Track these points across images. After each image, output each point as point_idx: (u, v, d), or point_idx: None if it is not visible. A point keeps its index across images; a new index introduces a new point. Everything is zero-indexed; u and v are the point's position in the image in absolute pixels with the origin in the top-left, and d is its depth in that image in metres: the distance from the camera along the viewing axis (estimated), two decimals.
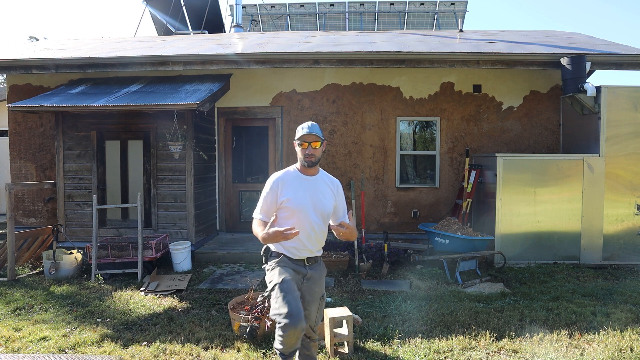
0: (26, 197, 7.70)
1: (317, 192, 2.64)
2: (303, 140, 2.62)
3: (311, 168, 2.67)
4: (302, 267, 2.67)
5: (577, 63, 5.95)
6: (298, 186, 2.64)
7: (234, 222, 7.77)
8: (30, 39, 26.83)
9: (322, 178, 2.74)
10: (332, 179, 2.81)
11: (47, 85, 7.54)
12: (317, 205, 2.63)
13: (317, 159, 2.66)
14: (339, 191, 2.77)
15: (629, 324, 3.91)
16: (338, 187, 2.78)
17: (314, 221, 2.61)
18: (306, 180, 2.67)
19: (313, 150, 2.62)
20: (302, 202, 2.60)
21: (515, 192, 5.96)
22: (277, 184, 2.66)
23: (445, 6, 12.13)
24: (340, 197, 2.78)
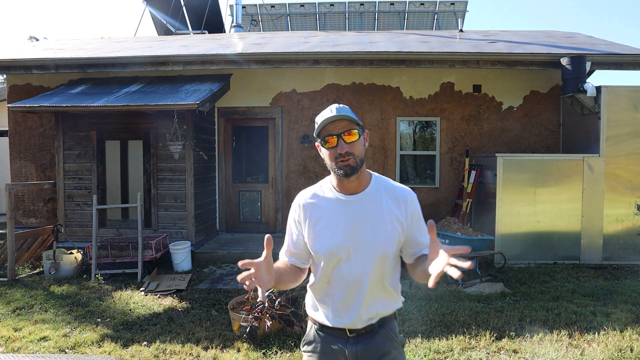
0: (26, 197, 7.70)
1: (366, 223, 1.56)
2: (328, 133, 1.51)
3: (352, 178, 1.55)
4: (342, 342, 1.62)
5: (577, 63, 5.95)
6: (331, 217, 1.59)
7: (234, 222, 7.77)
8: (30, 39, 26.83)
9: (377, 192, 1.60)
10: (398, 189, 1.63)
11: (47, 85, 7.54)
12: (366, 246, 1.55)
13: (359, 160, 1.53)
14: (410, 207, 1.60)
15: (629, 324, 3.91)
16: (408, 200, 1.61)
17: (360, 270, 1.56)
18: (346, 204, 1.58)
19: (348, 147, 1.50)
20: (334, 246, 1.56)
21: (515, 192, 5.96)
22: (300, 211, 1.68)
23: (445, 6, 12.13)
24: (414, 216, 1.62)
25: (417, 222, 1.63)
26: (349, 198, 1.59)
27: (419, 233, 1.63)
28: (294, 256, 1.69)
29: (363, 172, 1.60)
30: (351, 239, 1.56)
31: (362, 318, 1.59)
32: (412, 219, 1.61)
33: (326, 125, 1.52)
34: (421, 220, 1.65)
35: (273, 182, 7.63)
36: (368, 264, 1.56)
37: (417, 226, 1.63)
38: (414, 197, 1.65)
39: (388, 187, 1.63)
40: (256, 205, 7.77)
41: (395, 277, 1.65)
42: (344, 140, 1.50)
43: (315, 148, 7.47)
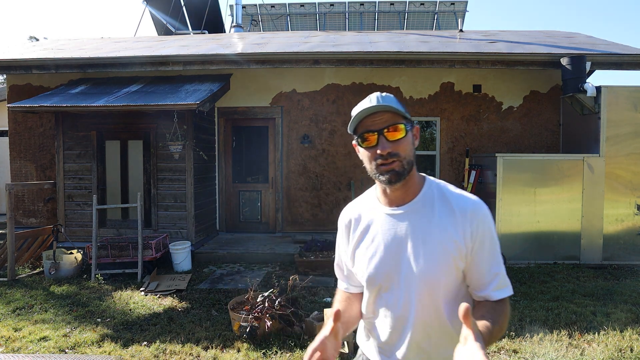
0: (26, 197, 7.70)
1: (410, 243, 1.24)
2: (366, 128, 1.22)
3: (397, 186, 1.24)
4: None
5: (577, 63, 5.95)
6: (373, 235, 1.30)
7: (234, 222, 7.77)
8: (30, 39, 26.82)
9: (429, 202, 1.26)
10: (456, 199, 1.25)
11: (47, 85, 7.54)
12: (409, 273, 1.23)
13: (406, 163, 1.22)
14: (472, 224, 1.22)
15: (629, 324, 3.91)
16: (469, 214, 1.22)
17: (404, 303, 1.25)
18: (390, 219, 1.28)
19: (392, 146, 1.20)
20: (373, 270, 1.28)
21: (515, 192, 5.96)
22: (343, 230, 1.41)
23: (445, 6, 12.13)
24: (479, 238, 1.21)
25: (480, 248, 1.19)
26: (393, 211, 1.27)
27: (483, 264, 1.19)
28: (346, 281, 1.45)
29: (412, 178, 1.26)
30: (393, 263, 1.25)
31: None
32: (474, 241, 1.19)
33: (363, 118, 1.21)
34: (490, 246, 1.21)
35: (273, 182, 7.63)
36: (412, 296, 1.22)
37: (481, 253, 1.19)
38: (482, 211, 1.22)
39: (444, 196, 1.25)
40: (256, 205, 7.77)
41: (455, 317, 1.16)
42: (386, 138, 1.19)
43: (315, 148, 7.49)
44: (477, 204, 1.24)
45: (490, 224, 1.24)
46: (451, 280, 1.22)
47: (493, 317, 1.15)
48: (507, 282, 1.24)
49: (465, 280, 1.25)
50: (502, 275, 1.23)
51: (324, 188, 7.52)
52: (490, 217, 1.24)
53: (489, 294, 1.21)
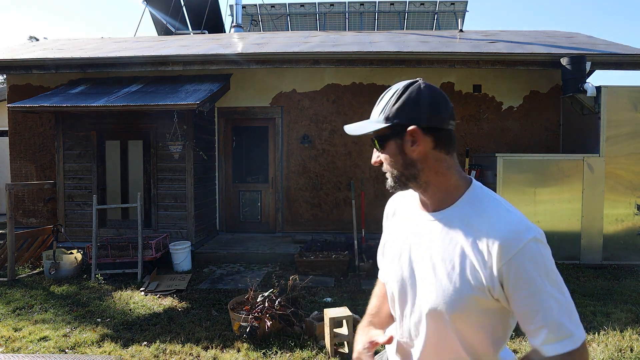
0: (26, 197, 7.70)
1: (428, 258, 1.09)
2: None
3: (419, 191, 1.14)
4: None
5: (577, 63, 5.95)
6: (404, 233, 1.18)
7: (234, 222, 7.77)
8: (30, 39, 26.82)
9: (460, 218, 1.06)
10: (490, 224, 1.01)
11: (47, 85, 7.54)
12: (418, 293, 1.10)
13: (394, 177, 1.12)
14: (506, 261, 0.96)
15: (629, 324, 3.91)
16: (507, 249, 0.96)
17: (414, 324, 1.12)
18: (419, 222, 1.14)
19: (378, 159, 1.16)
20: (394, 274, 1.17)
21: (515, 192, 5.96)
22: (386, 217, 1.32)
23: (445, 6, 12.13)
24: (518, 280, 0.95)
25: (515, 291, 0.95)
26: (422, 215, 1.13)
27: (522, 311, 0.96)
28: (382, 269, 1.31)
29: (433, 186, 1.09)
30: (409, 273, 1.11)
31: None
32: (506, 281, 0.96)
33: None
34: (529, 291, 0.94)
35: (273, 182, 7.63)
36: (422, 319, 1.08)
37: (517, 298, 0.96)
38: (518, 245, 0.95)
39: (480, 214, 1.03)
40: (256, 205, 7.77)
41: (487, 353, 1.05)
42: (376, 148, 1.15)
43: (315, 148, 7.50)
44: (516, 232, 0.96)
45: (534, 258, 0.94)
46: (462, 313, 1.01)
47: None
48: (563, 335, 0.94)
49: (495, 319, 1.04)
50: (554, 326, 0.94)
51: (324, 188, 7.52)
52: (537, 248, 0.95)
53: (539, 348, 0.97)
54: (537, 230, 0.97)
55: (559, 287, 0.96)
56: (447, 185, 1.09)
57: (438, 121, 1.06)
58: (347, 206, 7.32)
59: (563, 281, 0.98)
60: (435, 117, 1.06)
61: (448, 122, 1.07)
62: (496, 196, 1.08)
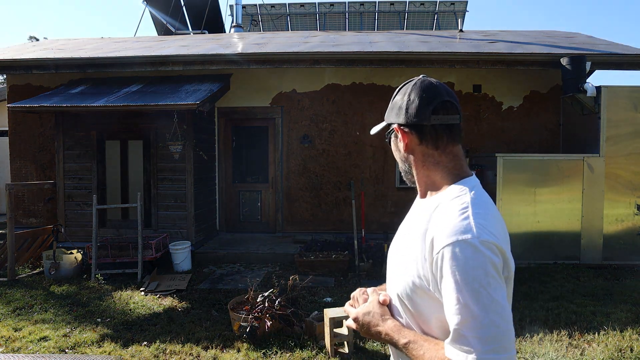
0: (26, 197, 7.70)
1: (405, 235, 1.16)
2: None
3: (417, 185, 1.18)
4: None
5: (577, 63, 5.95)
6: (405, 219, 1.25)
7: (234, 222, 7.77)
8: (30, 39, 26.82)
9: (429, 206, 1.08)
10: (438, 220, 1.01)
11: (47, 85, 7.54)
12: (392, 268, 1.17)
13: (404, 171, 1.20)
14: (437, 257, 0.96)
15: (629, 324, 3.91)
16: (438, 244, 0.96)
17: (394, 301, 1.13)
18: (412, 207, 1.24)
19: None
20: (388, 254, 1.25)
21: (515, 192, 5.96)
22: None
23: (445, 6, 12.13)
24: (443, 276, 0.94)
25: (443, 287, 0.95)
26: (416, 201, 1.21)
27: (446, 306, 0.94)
28: None
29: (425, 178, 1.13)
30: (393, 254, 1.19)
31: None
32: (436, 276, 0.96)
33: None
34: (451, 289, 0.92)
35: (273, 182, 7.63)
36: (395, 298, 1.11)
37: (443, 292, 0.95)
38: (449, 244, 0.93)
39: (438, 211, 1.03)
40: (256, 205, 7.77)
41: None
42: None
43: (315, 148, 7.50)
44: (450, 231, 0.94)
45: (452, 262, 0.92)
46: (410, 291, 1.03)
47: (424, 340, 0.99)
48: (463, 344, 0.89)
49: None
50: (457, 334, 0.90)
51: (324, 188, 7.52)
52: (459, 254, 0.91)
53: (445, 344, 0.94)
54: (480, 235, 0.92)
55: (478, 299, 0.89)
56: (432, 179, 1.12)
57: (418, 118, 1.09)
58: (347, 206, 7.32)
59: (494, 298, 0.89)
60: (416, 114, 1.09)
61: (430, 118, 1.08)
62: (476, 201, 1.01)
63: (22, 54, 7.27)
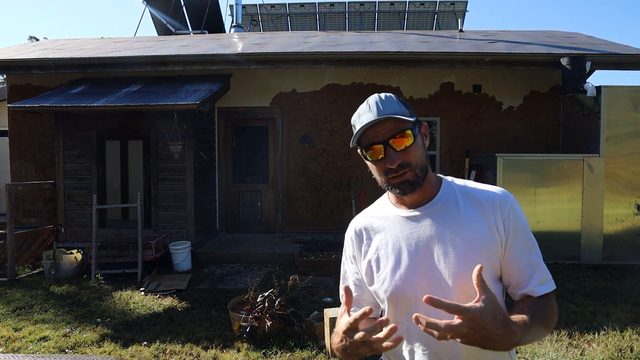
0: (26, 197, 7.70)
1: (440, 245, 1.11)
2: (371, 141, 1.12)
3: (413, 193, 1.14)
4: None
5: (577, 63, 5.95)
6: (391, 243, 1.17)
7: (234, 222, 7.77)
8: (30, 39, 26.82)
9: (451, 199, 1.16)
10: (481, 192, 1.16)
11: (47, 85, 7.54)
12: (445, 278, 1.09)
13: (419, 170, 1.12)
14: (504, 214, 1.11)
15: (629, 324, 3.91)
16: (498, 204, 1.12)
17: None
18: (409, 222, 1.16)
19: (401, 157, 1.10)
20: (399, 283, 1.13)
21: (515, 192, 5.85)
22: (354, 243, 1.26)
23: (445, 6, 12.13)
24: (512, 228, 1.11)
25: (515, 237, 1.09)
26: (411, 213, 1.15)
27: (522, 256, 1.09)
28: (358, 304, 1.21)
29: (429, 180, 1.15)
30: (421, 271, 1.10)
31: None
32: (508, 231, 1.09)
33: (366, 131, 1.11)
34: (525, 235, 1.11)
35: (273, 182, 7.63)
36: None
37: (517, 244, 1.09)
38: (510, 199, 1.12)
39: (467, 191, 1.15)
40: (256, 205, 7.77)
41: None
42: (393, 149, 1.09)
43: (315, 148, 7.49)
44: (504, 193, 1.14)
45: (521, 213, 1.13)
46: (491, 279, 1.09)
47: (534, 312, 1.02)
48: (549, 275, 1.11)
49: (501, 282, 1.12)
50: (544, 267, 1.11)
51: (324, 188, 7.52)
52: (519, 206, 1.13)
53: (531, 290, 1.07)
54: None
55: (534, 238, 1.15)
56: (432, 176, 1.19)
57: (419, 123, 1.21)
58: (347, 206, 7.32)
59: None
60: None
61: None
62: (464, 180, 1.22)
63: (22, 54, 7.27)
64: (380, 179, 1.14)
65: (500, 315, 0.90)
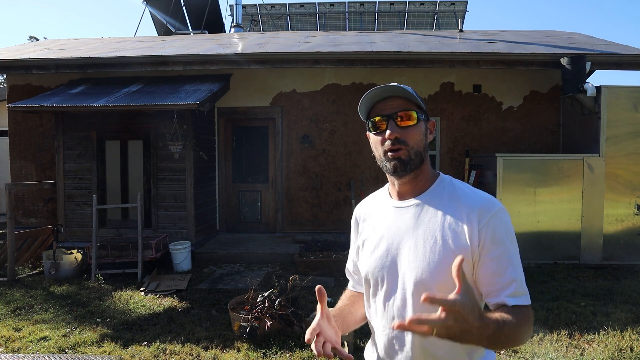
0: (26, 197, 7.70)
1: (410, 238, 1.17)
2: (377, 113, 1.18)
3: (405, 179, 1.20)
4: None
5: (577, 63, 5.95)
6: (379, 228, 1.25)
7: (233, 222, 7.77)
8: (30, 39, 26.82)
9: (438, 198, 1.19)
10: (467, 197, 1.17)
11: (47, 85, 7.54)
12: (404, 271, 1.16)
13: (413, 153, 1.17)
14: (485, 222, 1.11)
15: (629, 324, 3.91)
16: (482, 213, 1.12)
17: (400, 304, 1.16)
18: (396, 212, 1.23)
19: (400, 132, 1.16)
20: (370, 264, 1.23)
21: (515, 192, 5.96)
22: (355, 224, 1.39)
23: (445, 6, 12.13)
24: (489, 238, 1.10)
25: (491, 247, 1.09)
26: (400, 204, 1.22)
27: (496, 267, 1.08)
28: (352, 278, 1.41)
29: (423, 173, 1.21)
30: (391, 257, 1.18)
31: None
32: (483, 240, 1.09)
33: (376, 103, 1.18)
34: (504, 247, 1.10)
35: (273, 182, 7.63)
36: (408, 295, 1.14)
37: (492, 254, 1.09)
38: (494, 209, 1.11)
39: (455, 193, 1.18)
40: (256, 205, 7.77)
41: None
42: (396, 123, 1.15)
43: (315, 148, 7.49)
44: (489, 201, 1.14)
45: (505, 224, 1.11)
46: (446, 284, 1.06)
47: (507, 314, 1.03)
48: (525, 291, 1.11)
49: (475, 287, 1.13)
50: (520, 281, 1.10)
51: (324, 188, 7.52)
52: (506, 216, 1.12)
53: (503, 300, 1.08)
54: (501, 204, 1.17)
55: (518, 252, 1.14)
56: (427, 171, 1.24)
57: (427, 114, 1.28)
58: (347, 206, 7.32)
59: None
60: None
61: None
62: (461, 181, 1.25)
63: (22, 54, 7.27)
64: (378, 153, 1.21)
65: (477, 308, 0.92)
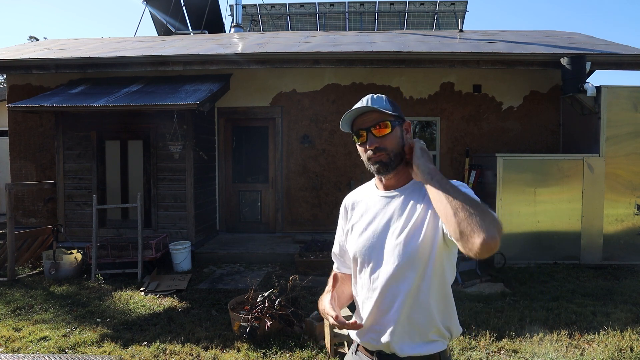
0: (26, 197, 7.69)
1: (396, 222, 1.38)
2: (359, 127, 1.43)
3: (390, 175, 1.42)
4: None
5: (577, 63, 5.95)
6: (368, 215, 1.46)
7: (233, 222, 7.77)
8: (30, 39, 26.82)
9: (418, 187, 1.40)
10: None
11: (47, 85, 7.54)
12: (390, 250, 1.36)
13: (392, 155, 1.39)
14: None
15: (629, 324, 3.91)
16: None
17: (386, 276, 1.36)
18: (383, 201, 1.44)
19: (379, 142, 1.39)
20: (359, 245, 1.43)
21: (515, 192, 5.96)
22: (344, 212, 1.58)
23: (445, 6, 12.13)
24: None
25: None
26: (386, 193, 1.44)
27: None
28: (338, 261, 1.61)
29: (405, 169, 1.42)
30: (378, 237, 1.40)
31: (390, 346, 1.35)
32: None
33: (357, 118, 1.44)
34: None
35: (273, 182, 7.63)
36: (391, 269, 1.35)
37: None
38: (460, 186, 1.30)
39: None
40: (256, 205, 7.77)
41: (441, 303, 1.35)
42: (374, 135, 1.39)
43: (315, 148, 7.49)
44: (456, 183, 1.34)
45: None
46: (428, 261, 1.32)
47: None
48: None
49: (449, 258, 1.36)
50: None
51: (324, 188, 7.52)
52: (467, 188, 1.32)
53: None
54: None
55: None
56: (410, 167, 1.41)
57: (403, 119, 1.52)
58: None
59: None
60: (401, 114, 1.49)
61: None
62: None
63: (22, 54, 7.27)
64: (364, 159, 1.44)
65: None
